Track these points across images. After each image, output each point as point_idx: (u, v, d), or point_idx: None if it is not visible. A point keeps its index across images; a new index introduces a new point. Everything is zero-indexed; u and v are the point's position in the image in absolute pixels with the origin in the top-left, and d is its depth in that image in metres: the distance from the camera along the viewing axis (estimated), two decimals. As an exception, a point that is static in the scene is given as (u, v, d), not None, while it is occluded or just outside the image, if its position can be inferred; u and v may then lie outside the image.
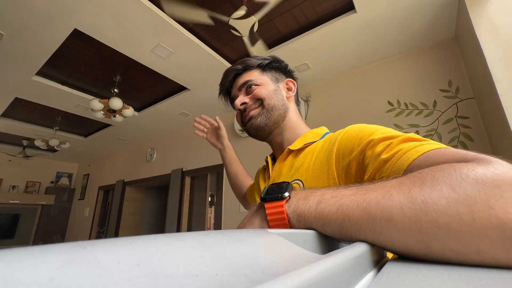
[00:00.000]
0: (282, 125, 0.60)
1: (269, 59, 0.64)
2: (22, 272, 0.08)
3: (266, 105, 0.58)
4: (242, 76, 0.63)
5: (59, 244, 0.10)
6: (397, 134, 0.38)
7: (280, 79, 0.64)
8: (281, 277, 0.11)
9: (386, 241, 0.22)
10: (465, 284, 0.16)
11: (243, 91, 0.62)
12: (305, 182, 0.48)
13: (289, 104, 0.63)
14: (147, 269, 0.10)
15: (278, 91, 0.61)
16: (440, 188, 0.21)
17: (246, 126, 0.61)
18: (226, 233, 0.17)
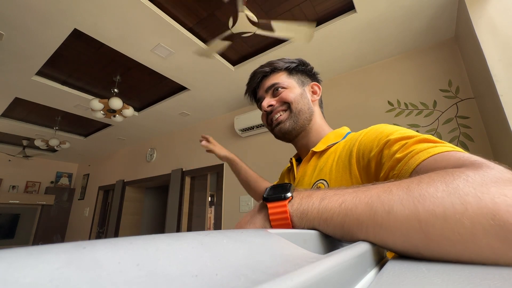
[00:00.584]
0: (307, 128, 0.62)
1: (296, 62, 0.66)
2: (22, 272, 0.08)
3: (294, 109, 0.60)
4: (269, 78, 0.64)
5: (59, 244, 0.10)
6: (414, 135, 0.39)
7: (306, 82, 0.66)
8: (281, 277, 0.11)
9: (387, 234, 0.23)
10: (465, 284, 0.16)
11: (270, 93, 0.64)
12: (330, 182, 0.50)
13: (314, 107, 0.64)
14: (147, 269, 0.10)
15: (304, 95, 0.63)
16: (436, 184, 0.23)
17: (274, 130, 0.63)
18: (226, 233, 0.17)
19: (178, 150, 3.65)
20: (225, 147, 1.04)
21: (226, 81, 2.46)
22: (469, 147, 1.64)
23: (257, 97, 0.68)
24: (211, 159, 3.13)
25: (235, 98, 2.82)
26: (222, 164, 2.97)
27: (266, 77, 0.65)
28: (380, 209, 0.23)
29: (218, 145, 0.96)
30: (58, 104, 2.90)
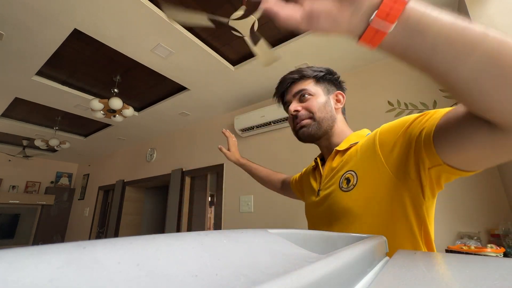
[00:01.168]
0: (330, 132, 0.67)
1: (324, 71, 0.69)
2: (22, 272, 0.08)
3: (317, 118, 0.65)
4: (297, 84, 0.69)
5: (59, 244, 0.10)
6: (428, 112, 0.45)
7: (331, 91, 0.70)
8: (281, 277, 0.11)
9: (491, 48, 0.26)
10: (465, 284, 0.16)
11: (297, 98, 0.68)
12: (358, 171, 0.55)
13: (337, 115, 0.69)
14: (147, 269, 0.10)
15: (328, 103, 0.67)
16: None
17: (298, 133, 0.68)
18: (226, 233, 0.17)
19: (178, 150, 3.65)
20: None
21: (226, 81, 2.46)
22: (469, 147, 1.65)
23: (285, 100, 0.72)
24: (211, 159, 3.13)
25: (235, 98, 2.82)
26: (222, 164, 2.97)
27: (295, 83, 0.69)
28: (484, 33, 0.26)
29: (234, 148, 1.08)
30: (58, 104, 2.90)
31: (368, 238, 0.31)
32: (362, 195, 0.53)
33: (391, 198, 0.49)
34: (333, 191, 0.59)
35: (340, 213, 0.56)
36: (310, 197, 0.69)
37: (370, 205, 0.51)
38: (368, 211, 0.52)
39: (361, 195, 0.53)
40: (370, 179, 0.52)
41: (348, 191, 0.55)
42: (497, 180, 1.51)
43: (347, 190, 0.55)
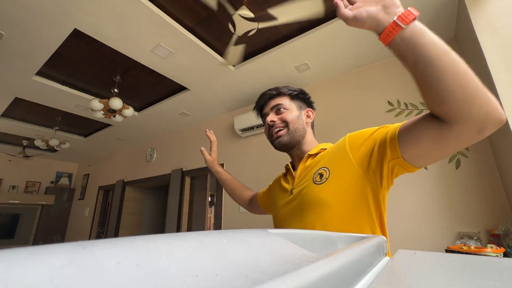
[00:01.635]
0: (301, 142, 0.77)
1: (298, 91, 0.81)
2: (22, 272, 0.08)
3: (291, 128, 0.75)
4: (274, 99, 0.80)
5: (59, 244, 0.10)
6: (387, 125, 0.59)
7: (303, 107, 0.81)
8: (281, 277, 0.11)
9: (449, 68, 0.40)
10: (465, 283, 0.16)
11: (274, 111, 0.78)
12: (330, 167, 0.65)
13: (307, 128, 0.80)
14: (147, 269, 0.10)
15: (300, 117, 0.78)
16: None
17: (274, 142, 0.77)
18: (226, 233, 0.17)
19: (178, 150, 3.65)
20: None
21: (226, 81, 2.46)
22: (469, 147, 1.64)
23: (263, 113, 0.83)
24: (211, 159, 3.13)
25: (235, 98, 2.82)
26: (222, 164, 2.97)
27: (272, 98, 0.80)
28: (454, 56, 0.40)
29: (214, 155, 1.07)
30: (58, 104, 2.90)
31: (368, 238, 0.31)
32: (333, 187, 0.62)
33: (356, 188, 0.60)
34: (307, 186, 0.67)
35: (313, 203, 0.64)
36: (281, 199, 0.77)
37: (340, 195, 0.61)
38: (338, 200, 0.61)
39: (332, 187, 0.62)
40: (340, 173, 0.62)
41: (321, 184, 0.64)
42: (497, 180, 1.51)
43: (320, 183, 0.64)
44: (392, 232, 1.52)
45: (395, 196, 1.81)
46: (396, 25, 0.42)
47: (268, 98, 0.80)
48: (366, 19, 0.45)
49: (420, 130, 0.48)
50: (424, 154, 0.50)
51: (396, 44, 0.43)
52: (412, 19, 0.41)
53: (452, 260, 0.22)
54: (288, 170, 0.81)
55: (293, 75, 2.37)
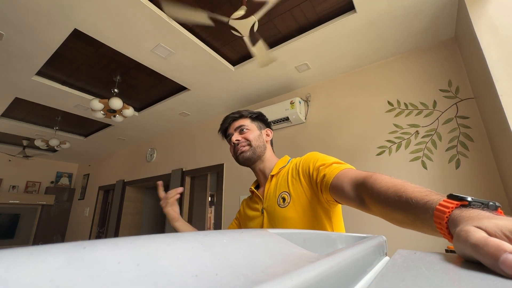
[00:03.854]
0: (262, 158, 0.88)
1: (257, 113, 0.92)
2: (22, 272, 0.08)
3: (253, 145, 0.85)
4: (237, 121, 0.90)
5: (59, 244, 0.10)
6: (331, 161, 0.69)
7: (262, 127, 0.92)
8: (281, 277, 0.11)
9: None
10: (465, 284, 0.16)
11: (238, 131, 0.88)
12: (290, 192, 0.76)
13: (267, 145, 0.91)
14: (147, 269, 0.10)
15: (261, 136, 0.89)
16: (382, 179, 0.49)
17: (238, 157, 0.87)
18: (226, 233, 0.17)
19: (178, 150, 3.65)
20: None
21: (226, 81, 2.46)
22: (469, 147, 1.64)
23: (227, 133, 0.91)
24: (211, 159, 3.13)
25: (235, 98, 2.82)
26: (222, 164, 2.97)
27: (235, 120, 0.90)
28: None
29: (175, 206, 0.96)
30: (58, 104, 2.90)
31: (368, 238, 0.31)
32: (294, 209, 0.74)
33: (312, 208, 0.72)
34: (274, 208, 0.78)
35: (281, 220, 0.75)
36: (254, 218, 0.86)
37: (300, 214, 0.73)
38: (300, 216, 0.73)
39: (293, 208, 0.74)
40: (298, 197, 0.74)
41: (284, 207, 0.75)
42: (497, 180, 1.51)
43: (284, 207, 0.76)
44: (392, 232, 1.52)
45: (395, 196, 1.81)
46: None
47: (231, 120, 0.90)
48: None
49: (345, 198, 0.59)
50: (346, 204, 0.63)
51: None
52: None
53: (452, 260, 0.22)
54: (253, 192, 0.91)
55: (293, 75, 2.37)
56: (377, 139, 2.01)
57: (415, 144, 1.84)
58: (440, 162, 1.72)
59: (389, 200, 0.43)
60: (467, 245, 0.22)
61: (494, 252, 0.19)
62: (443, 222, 0.29)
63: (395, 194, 0.42)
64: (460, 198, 0.30)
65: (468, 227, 0.24)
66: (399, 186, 0.43)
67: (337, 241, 0.35)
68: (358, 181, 0.54)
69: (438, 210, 0.31)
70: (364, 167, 2.01)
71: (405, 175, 1.83)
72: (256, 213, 0.85)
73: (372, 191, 0.48)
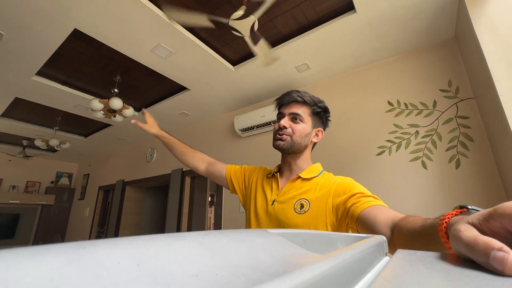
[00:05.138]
0: (297, 155, 0.84)
1: (322, 108, 0.85)
2: (22, 272, 0.08)
3: (294, 139, 0.80)
4: (297, 105, 0.82)
5: (59, 244, 0.10)
6: (364, 193, 0.67)
7: (317, 125, 0.86)
8: (281, 277, 0.11)
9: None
10: (464, 284, 0.16)
11: (291, 116, 0.82)
12: (311, 203, 0.74)
13: (309, 146, 0.85)
14: (147, 269, 0.10)
15: (309, 135, 0.83)
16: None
17: (275, 141, 0.83)
18: (226, 233, 0.17)
19: (178, 150, 3.65)
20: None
21: (226, 81, 2.46)
22: (469, 147, 1.64)
23: (281, 110, 0.85)
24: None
25: (235, 98, 2.82)
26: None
27: (296, 103, 0.83)
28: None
29: (151, 121, 1.07)
30: (58, 104, 2.90)
31: (368, 238, 0.31)
32: (308, 219, 0.72)
33: (325, 225, 0.70)
34: (288, 209, 0.75)
35: (289, 224, 0.73)
36: (261, 202, 0.84)
37: (311, 226, 0.71)
38: (310, 229, 0.70)
39: (307, 219, 0.72)
40: (319, 212, 0.72)
41: (300, 214, 0.73)
42: (497, 180, 1.51)
43: (299, 213, 0.73)
44: (392, 232, 1.52)
45: (396, 196, 1.81)
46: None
47: (292, 101, 0.83)
48: None
49: (371, 233, 0.58)
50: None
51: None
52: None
53: (452, 260, 0.22)
54: (274, 176, 0.87)
55: (293, 75, 2.37)
56: (377, 139, 2.01)
57: (415, 144, 1.84)
58: (440, 162, 1.72)
59: (413, 228, 0.46)
60: (460, 244, 0.22)
61: (484, 250, 0.19)
62: (442, 227, 0.31)
63: (421, 222, 0.45)
64: (460, 206, 0.33)
65: (460, 226, 0.25)
66: (427, 218, 0.45)
67: (337, 241, 0.35)
68: (395, 220, 0.54)
69: (440, 219, 0.33)
70: (364, 167, 2.01)
71: (405, 175, 1.83)
72: (264, 201, 0.83)
73: (402, 225, 0.50)
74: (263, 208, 0.81)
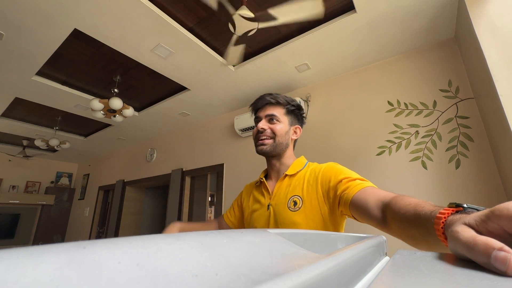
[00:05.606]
0: (281, 155, 0.85)
1: (295, 106, 0.86)
2: (22, 272, 0.08)
3: (276, 141, 0.81)
4: (271, 107, 0.84)
5: (59, 244, 0.10)
6: (354, 176, 0.67)
7: (294, 123, 0.86)
8: (281, 277, 0.11)
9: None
10: (465, 284, 0.16)
11: (267, 119, 0.83)
12: (303, 197, 0.75)
13: (290, 144, 0.86)
14: (147, 269, 0.10)
15: (288, 133, 0.84)
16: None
17: (257, 146, 0.83)
18: (226, 233, 0.17)
19: (178, 150, 3.65)
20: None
21: (226, 81, 2.46)
22: (469, 147, 1.64)
23: (257, 115, 0.87)
24: (211, 159, 3.13)
25: (235, 98, 2.82)
26: (222, 164, 2.97)
27: (270, 105, 0.84)
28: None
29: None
30: (58, 104, 2.90)
31: (368, 238, 0.31)
32: (304, 215, 0.73)
33: (322, 217, 0.71)
34: (283, 209, 0.76)
35: (287, 224, 0.74)
36: (257, 210, 0.84)
37: (309, 221, 0.72)
38: (308, 225, 0.72)
39: (303, 214, 0.73)
40: (311, 204, 0.73)
41: (294, 211, 0.74)
42: (497, 180, 1.51)
43: (294, 210, 0.74)
44: (392, 232, 1.52)
45: (395, 196, 1.81)
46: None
47: (266, 103, 0.84)
48: None
49: (365, 216, 0.58)
50: (365, 222, 0.62)
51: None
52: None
53: (452, 260, 0.22)
54: (262, 183, 0.88)
55: (293, 75, 2.37)
56: (377, 139, 2.01)
57: (415, 144, 1.84)
58: (440, 162, 1.72)
59: (407, 215, 0.44)
60: (459, 246, 0.22)
61: (484, 250, 0.19)
62: (439, 227, 0.31)
63: (413, 209, 0.43)
64: (456, 204, 0.32)
65: (457, 227, 0.25)
66: (418, 202, 0.44)
67: (337, 241, 0.35)
68: (386, 201, 0.54)
69: (437, 217, 0.32)
70: (364, 167, 2.01)
71: (405, 175, 1.83)
72: (261, 207, 0.83)
73: (394, 208, 0.49)
74: (261, 216, 0.82)
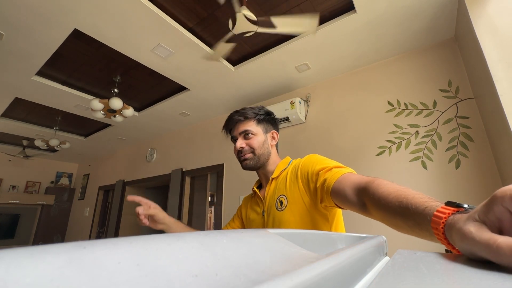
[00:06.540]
0: (266, 163, 0.87)
1: (264, 114, 0.88)
2: (22, 272, 0.08)
3: (257, 153, 0.84)
4: (242, 124, 0.86)
5: (59, 244, 0.10)
6: (331, 165, 0.68)
7: (268, 130, 0.89)
8: (281, 277, 0.11)
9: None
10: (464, 284, 0.16)
11: (242, 136, 0.85)
12: (287, 195, 0.76)
13: (272, 150, 0.89)
14: (147, 269, 0.10)
15: (266, 142, 0.86)
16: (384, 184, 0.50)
17: (242, 164, 0.86)
18: (226, 233, 0.17)
19: (178, 150, 3.65)
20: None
21: (226, 81, 2.46)
22: (469, 147, 1.64)
23: (232, 135, 0.89)
24: (211, 159, 3.13)
25: (235, 98, 2.82)
26: (222, 164, 2.97)
27: (240, 122, 0.86)
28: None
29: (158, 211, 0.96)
30: (58, 104, 2.90)
31: (368, 238, 0.31)
32: (291, 212, 0.74)
33: (308, 212, 0.72)
34: (273, 211, 0.79)
35: (277, 226, 0.76)
36: (256, 220, 0.87)
37: (297, 218, 0.73)
38: (296, 222, 0.73)
39: (290, 212, 0.74)
40: (295, 200, 0.74)
41: (282, 211, 0.76)
42: (497, 180, 1.51)
43: (281, 210, 0.76)
44: (392, 232, 1.52)
45: (395, 196, 1.81)
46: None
47: (236, 122, 0.86)
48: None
49: (347, 202, 0.59)
50: (347, 208, 0.62)
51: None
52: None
53: (453, 260, 0.22)
54: (255, 193, 0.90)
55: (293, 75, 2.37)
56: (377, 139, 2.01)
57: (415, 144, 1.84)
58: (440, 162, 1.72)
59: (390, 205, 0.43)
60: (477, 247, 0.22)
61: (509, 252, 0.19)
62: (439, 227, 0.30)
63: (396, 200, 0.42)
64: (457, 205, 0.32)
65: (469, 226, 0.24)
66: (400, 192, 0.43)
67: (337, 241, 0.35)
68: (361, 186, 0.54)
69: (435, 216, 0.31)
70: (364, 167, 2.01)
71: (405, 175, 1.83)
72: (257, 216, 0.86)
73: (374, 196, 0.48)
74: (258, 224, 0.85)
